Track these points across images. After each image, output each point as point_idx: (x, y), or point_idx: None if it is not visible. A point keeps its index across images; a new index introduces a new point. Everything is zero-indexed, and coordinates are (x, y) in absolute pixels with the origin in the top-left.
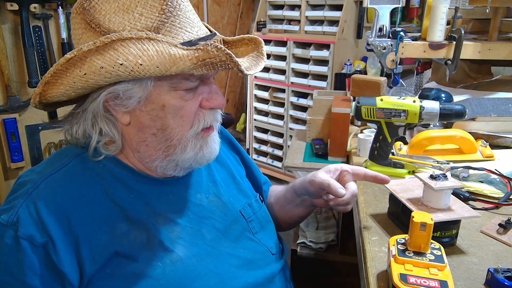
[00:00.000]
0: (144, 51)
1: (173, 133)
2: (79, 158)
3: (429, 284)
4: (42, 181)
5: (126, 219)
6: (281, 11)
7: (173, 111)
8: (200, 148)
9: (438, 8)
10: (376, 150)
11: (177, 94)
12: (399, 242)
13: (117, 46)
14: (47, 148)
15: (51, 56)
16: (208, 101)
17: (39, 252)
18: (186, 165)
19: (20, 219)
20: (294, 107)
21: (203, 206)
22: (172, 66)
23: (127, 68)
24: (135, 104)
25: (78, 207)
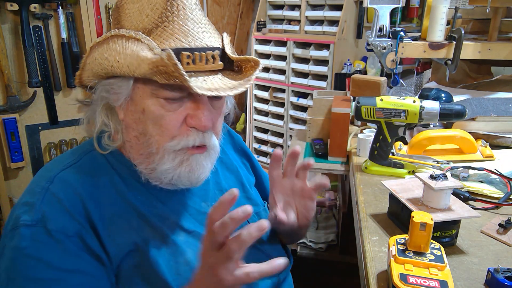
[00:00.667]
0: (124, 49)
1: (152, 140)
2: (89, 156)
3: (429, 284)
4: (55, 176)
5: (138, 216)
6: (281, 11)
7: (152, 117)
8: (179, 164)
9: (438, 8)
10: (376, 150)
11: (158, 101)
12: (399, 242)
13: (111, 42)
14: (47, 148)
15: (51, 56)
16: (191, 118)
17: (75, 240)
18: (167, 179)
19: (45, 214)
20: (294, 107)
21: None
22: (137, 68)
23: (109, 62)
24: (123, 102)
25: (94, 197)
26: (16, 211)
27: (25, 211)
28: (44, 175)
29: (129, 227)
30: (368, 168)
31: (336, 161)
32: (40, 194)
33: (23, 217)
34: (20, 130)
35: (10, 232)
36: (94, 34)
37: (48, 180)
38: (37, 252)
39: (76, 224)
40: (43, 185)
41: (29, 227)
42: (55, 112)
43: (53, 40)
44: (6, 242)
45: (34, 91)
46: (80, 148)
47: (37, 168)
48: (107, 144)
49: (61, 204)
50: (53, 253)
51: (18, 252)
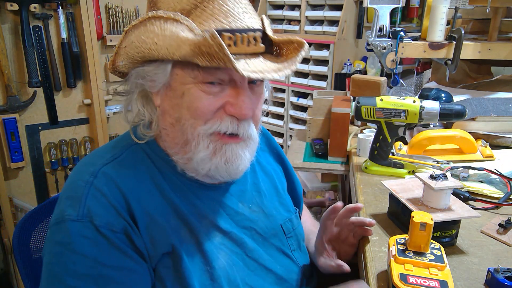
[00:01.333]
0: (163, 30)
1: (187, 125)
2: (130, 150)
3: (429, 284)
4: (98, 170)
5: (176, 215)
6: (281, 11)
7: (189, 100)
8: (213, 153)
9: (438, 8)
10: (376, 150)
11: (198, 86)
12: (399, 242)
13: (148, 23)
14: (47, 148)
15: (51, 56)
16: (231, 106)
17: (121, 237)
18: (204, 170)
19: (91, 209)
20: (294, 107)
21: (245, 215)
22: (177, 50)
23: (147, 45)
24: (161, 88)
25: (135, 194)
26: (61, 205)
27: (70, 205)
28: (86, 170)
29: (167, 226)
30: (368, 168)
31: (336, 161)
32: (85, 188)
33: (68, 211)
34: (20, 130)
35: (54, 226)
36: (94, 34)
37: (91, 174)
38: (84, 248)
39: (122, 220)
40: (87, 179)
41: (75, 222)
42: (55, 112)
43: (53, 40)
44: (50, 236)
45: (34, 91)
46: (120, 141)
47: (37, 168)
48: (143, 133)
49: (106, 199)
50: (100, 249)
51: (63, 247)
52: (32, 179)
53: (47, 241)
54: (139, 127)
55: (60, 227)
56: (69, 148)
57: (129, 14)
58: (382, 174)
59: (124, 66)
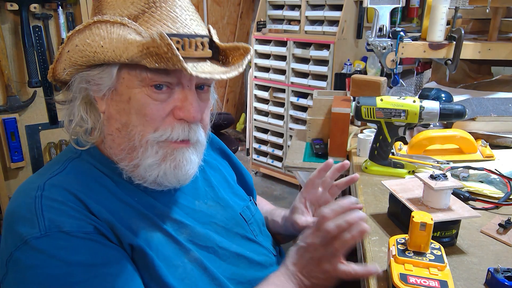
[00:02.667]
0: (110, 34)
1: (135, 131)
2: (73, 163)
3: (429, 284)
4: (44, 183)
5: (139, 215)
6: (281, 11)
7: (137, 107)
8: (163, 158)
9: (438, 8)
10: (376, 150)
11: (145, 90)
12: (399, 242)
13: (94, 27)
14: (47, 148)
15: (51, 56)
16: (179, 110)
17: (96, 236)
18: (152, 177)
19: (54, 219)
20: (294, 107)
21: (203, 211)
22: (124, 52)
23: (92, 48)
24: (106, 92)
25: (90, 198)
26: (12, 233)
27: (24, 225)
28: (28, 187)
29: (133, 225)
30: (368, 168)
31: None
32: (36, 203)
33: (27, 232)
34: (20, 130)
35: (17, 252)
36: None
37: (37, 189)
38: (65, 257)
39: (90, 221)
40: (34, 195)
41: (40, 239)
42: (55, 112)
43: (53, 40)
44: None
45: (34, 91)
46: (61, 156)
47: (37, 168)
48: (85, 140)
49: (65, 206)
50: (82, 252)
51: (38, 269)
52: None
53: (10, 274)
54: (80, 135)
55: (24, 250)
56: None
57: None
58: (382, 174)
59: (67, 72)
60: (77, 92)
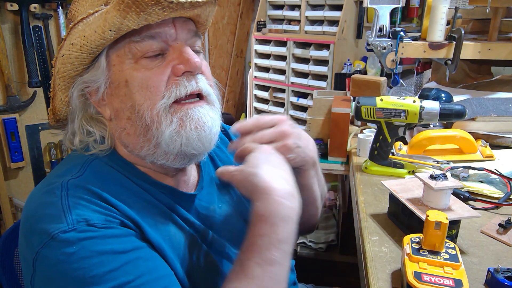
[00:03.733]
0: (87, 24)
1: (142, 109)
2: (92, 165)
3: (443, 282)
4: (67, 182)
5: (162, 213)
6: (281, 11)
7: (137, 83)
8: (180, 124)
9: (438, 8)
10: (376, 150)
11: (139, 65)
12: (414, 241)
13: (72, 32)
14: (47, 148)
15: (51, 56)
16: (178, 65)
17: (122, 228)
18: (176, 148)
19: (81, 214)
20: (294, 107)
21: (217, 217)
22: (105, 24)
23: (77, 45)
24: (104, 89)
25: (114, 197)
26: (38, 227)
27: (52, 221)
28: (49, 188)
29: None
30: (368, 168)
31: (336, 161)
32: (63, 200)
33: (53, 227)
34: (20, 130)
35: (44, 250)
36: None
37: (61, 188)
38: (94, 247)
39: (115, 215)
40: (59, 194)
41: (68, 233)
42: None
43: (53, 40)
44: (41, 263)
45: (34, 91)
46: (78, 159)
47: (37, 168)
48: (98, 148)
49: (91, 203)
50: (110, 240)
51: (67, 263)
52: (32, 179)
53: (39, 273)
54: (90, 145)
55: (52, 246)
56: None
57: None
58: (382, 174)
59: (63, 101)
60: (76, 109)
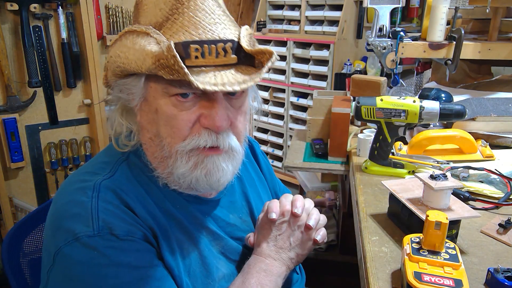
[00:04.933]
0: (134, 44)
1: (164, 142)
2: (123, 166)
3: (443, 282)
4: (100, 184)
5: (179, 228)
6: (281, 11)
7: (164, 118)
8: (194, 167)
9: (438, 8)
10: (376, 150)
11: (170, 100)
12: (414, 241)
13: (124, 38)
14: (47, 148)
15: (51, 56)
16: (204, 118)
17: (144, 243)
18: (186, 183)
19: (107, 221)
20: (294, 107)
21: (236, 226)
22: (143, 63)
23: (121, 59)
24: (138, 102)
25: (138, 207)
26: (66, 225)
27: (78, 222)
28: (82, 185)
29: (173, 238)
30: (368, 168)
31: (336, 161)
32: (93, 203)
33: (79, 229)
34: (20, 130)
35: (66, 248)
36: (94, 34)
37: (93, 189)
38: (113, 258)
39: (138, 227)
40: (90, 194)
41: (93, 237)
42: (55, 112)
43: (53, 40)
44: (61, 261)
45: (34, 91)
46: (110, 157)
47: (37, 168)
48: (124, 143)
49: (118, 209)
50: (129, 254)
51: (86, 265)
52: (32, 179)
53: (57, 267)
54: (120, 137)
55: (75, 246)
56: (69, 148)
57: (129, 14)
58: (382, 174)
59: (111, 79)
60: (115, 100)
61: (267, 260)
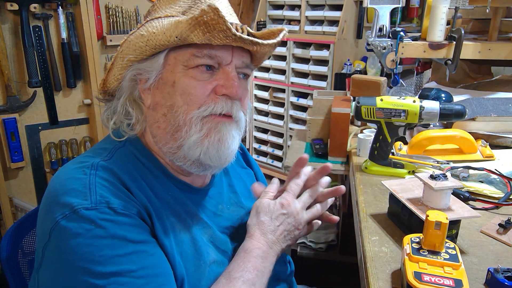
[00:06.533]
0: (160, 23)
1: (179, 111)
2: (120, 152)
3: (443, 282)
4: (97, 164)
5: (171, 212)
6: (281, 11)
7: (182, 88)
8: (207, 133)
9: (438, 8)
10: (376, 150)
11: (189, 72)
12: (414, 241)
13: (147, 24)
14: (47, 148)
15: (51, 56)
16: (222, 87)
17: (138, 220)
18: (194, 156)
19: (104, 195)
20: (294, 107)
21: (224, 216)
22: (174, 31)
23: (145, 37)
24: (153, 82)
25: (134, 187)
26: (63, 199)
27: (77, 196)
28: (80, 165)
29: (166, 221)
30: (368, 168)
31: (336, 161)
32: (91, 179)
33: (77, 202)
34: (20, 130)
35: (63, 221)
36: (94, 34)
37: (91, 167)
38: (109, 230)
39: (133, 204)
40: (88, 172)
41: (90, 210)
42: (55, 112)
43: (53, 40)
44: (59, 233)
45: (34, 91)
46: (107, 144)
47: (37, 168)
48: (125, 131)
49: (114, 187)
50: (125, 228)
51: (82, 237)
52: (32, 179)
53: (53, 243)
54: (121, 127)
55: (72, 219)
56: (69, 148)
57: (129, 14)
58: (382, 174)
59: (117, 77)
60: (125, 89)
61: (264, 247)
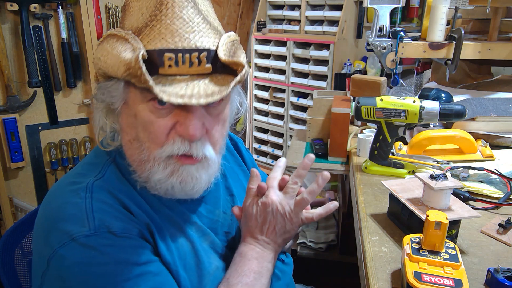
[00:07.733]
0: (112, 49)
1: (144, 147)
2: (110, 168)
3: (443, 282)
4: (92, 184)
5: (172, 224)
6: (281, 11)
7: (142, 123)
8: (170, 174)
9: (438, 8)
10: (376, 150)
11: (147, 106)
12: (414, 241)
13: (105, 41)
14: (47, 148)
15: (51, 56)
16: (180, 126)
17: (140, 240)
18: (163, 190)
19: (104, 219)
20: (294, 107)
21: (220, 222)
22: (118, 70)
23: (101, 62)
24: (119, 104)
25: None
26: (60, 226)
27: (75, 223)
28: (74, 187)
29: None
30: (368, 168)
31: (336, 161)
32: (87, 203)
33: (76, 229)
34: (20, 130)
35: (62, 249)
36: (94, 34)
37: (85, 189)
38: (112, 255)
39: (134, 224)
40: (83, 195)
41: (90, 237)
42: (55, 112)
43: (53, 40)
44: (57, 263)
45: (34, 91)
46: (98, 158)
47: (37, 168)
48: (108, 143)
49: (112, 208)
50: (127, 250)
51: (84, 265)
52: (32, 179)
53: (52, 271)
54: (105, 139)
55: (70, 247)
56: (69, 148)
57: None
58: (382, 174)
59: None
60: (99, 101)
61: (258, 248)
